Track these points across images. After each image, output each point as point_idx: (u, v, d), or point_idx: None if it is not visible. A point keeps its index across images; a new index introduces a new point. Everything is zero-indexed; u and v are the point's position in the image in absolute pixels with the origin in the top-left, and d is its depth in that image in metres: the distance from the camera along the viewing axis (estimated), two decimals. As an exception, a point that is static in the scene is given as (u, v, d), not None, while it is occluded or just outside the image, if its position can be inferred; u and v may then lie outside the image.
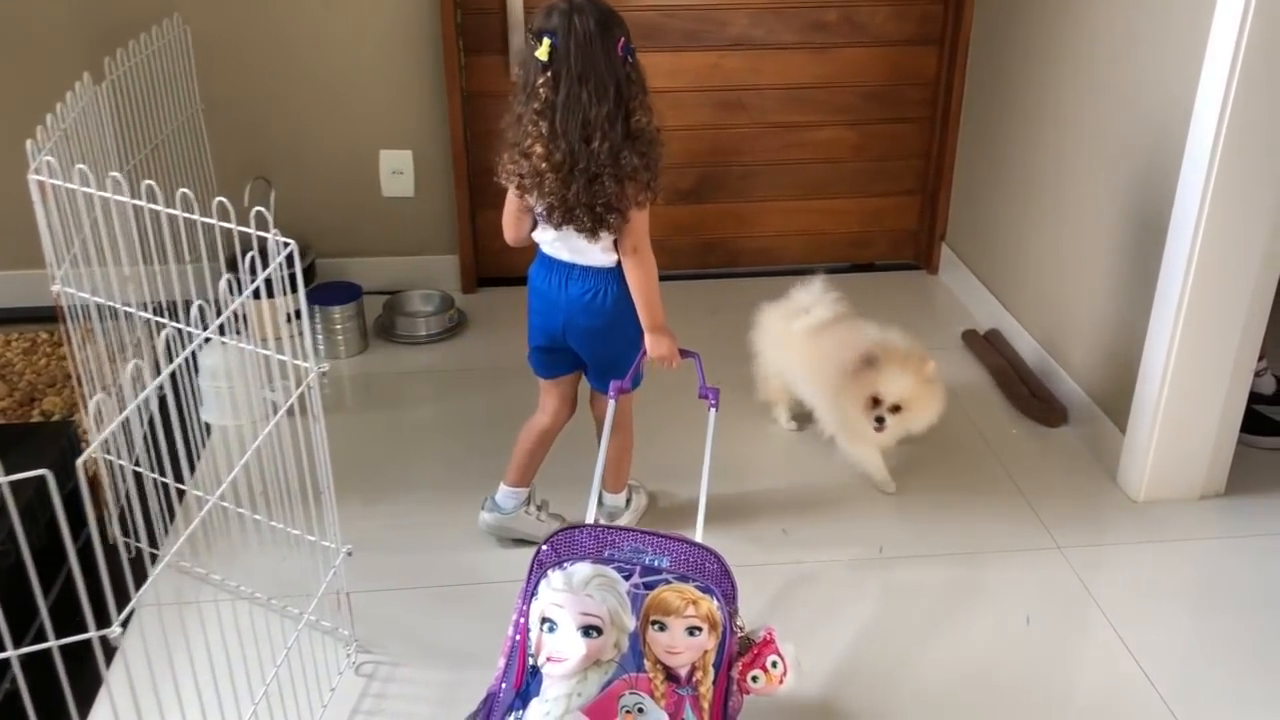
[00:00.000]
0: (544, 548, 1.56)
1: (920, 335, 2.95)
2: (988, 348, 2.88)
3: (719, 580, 1.52)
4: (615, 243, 1.89)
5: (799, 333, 2.39)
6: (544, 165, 1.77)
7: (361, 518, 2.28)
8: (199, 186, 2.98)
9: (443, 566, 2.15)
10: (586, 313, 1.94)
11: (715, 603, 1.50)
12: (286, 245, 1.70)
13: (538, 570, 1.55)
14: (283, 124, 3.03)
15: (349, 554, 1.88)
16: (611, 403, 1.92)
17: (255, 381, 2.28)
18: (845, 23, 3.11)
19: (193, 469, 2.01)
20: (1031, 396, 2.64)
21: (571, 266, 1.93)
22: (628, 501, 2.24)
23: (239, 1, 2.88)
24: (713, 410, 1.85)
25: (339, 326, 2.87)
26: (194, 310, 1.68)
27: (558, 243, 1.91)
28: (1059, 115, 2.63)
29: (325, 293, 2.92)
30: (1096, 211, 2.48)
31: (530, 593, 1.55)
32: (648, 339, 1.95)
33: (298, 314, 2.91)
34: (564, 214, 1.81)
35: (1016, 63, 2.83)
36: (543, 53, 1.73)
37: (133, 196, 1.84)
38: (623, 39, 1.77)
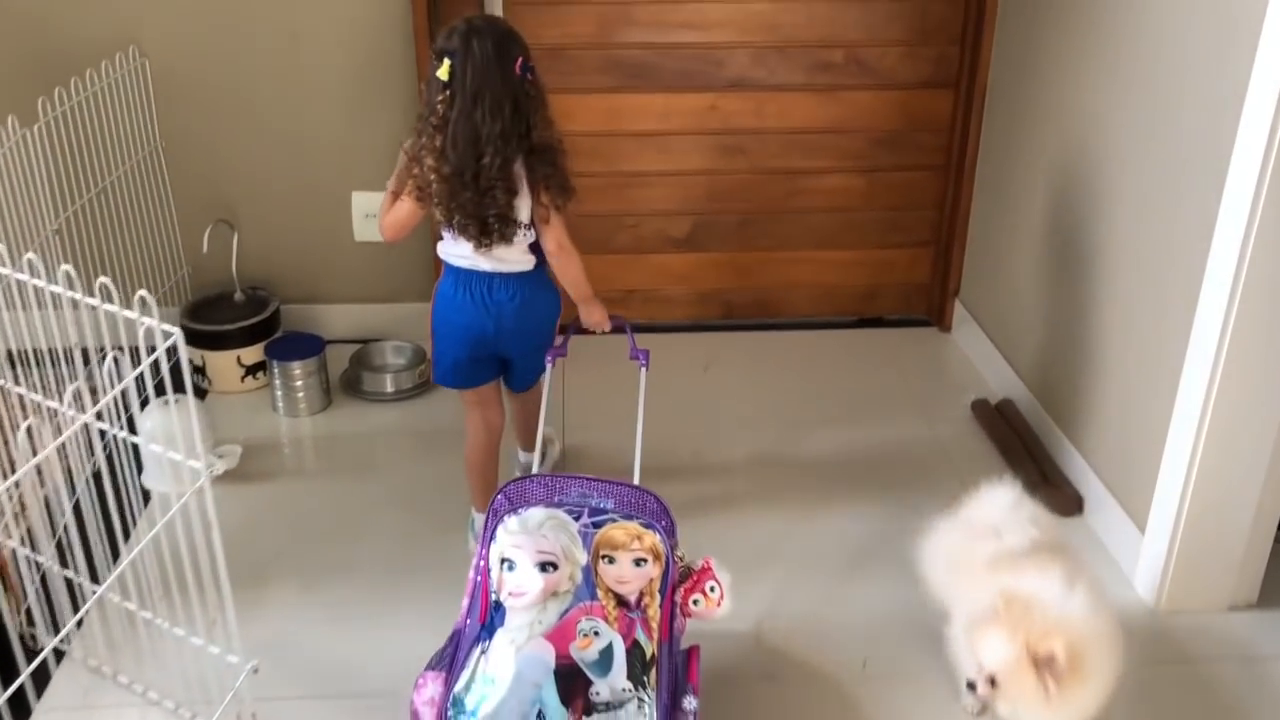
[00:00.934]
0: (499, 497, 1.71)
1: (929, 401, 2.76)
2: (998, 420, 2.65)
3: (659, 516, 1.70)
4: (532, 246, 2.01)
5: (982, 561, 1.77)
6: (433, 176, 1.89)
7: (298, 606, 2.09)
8: (159, 228, 2.81)
9: (374, 674, 1.94)
10: (518, 316, 2.05)
11: (658, 536, 1.67)
12: (169, 336, 1.49)
13: (493, 518, 1.70)
14: (249, 162, 2.85)
15: (254, 670, 1.68)
16: (549, 367, 2.14)
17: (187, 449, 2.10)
18: (853, 63, 2.88)
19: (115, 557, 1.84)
20: (1042, 480, 2.40)
21: (493, 275, 2.02)
22: (542, 456, 2.26)
23: (201, 33, 2.71)
24: (643, 369, 2.13)
25: (299, 383, 2.68)
26: (68, 394, 1.50)
27: (477, 255, 1.98)
28: (1081, 167, 2.39)
29: (286, 346, 2.73)
30: (1120, 275, 2.24)
31: (489, 538, 1.69)
32: (581, 310, 2.15)
33: (261, 367, 2.78)
34: (458, 225, 1.93)
35: (1037, 109, 2.59)
36: (443, 72, 1.85)
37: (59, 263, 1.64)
38: (520, 58, 1.87)
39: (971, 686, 1.67)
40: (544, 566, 1.65)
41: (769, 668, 1.97)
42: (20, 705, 1.09)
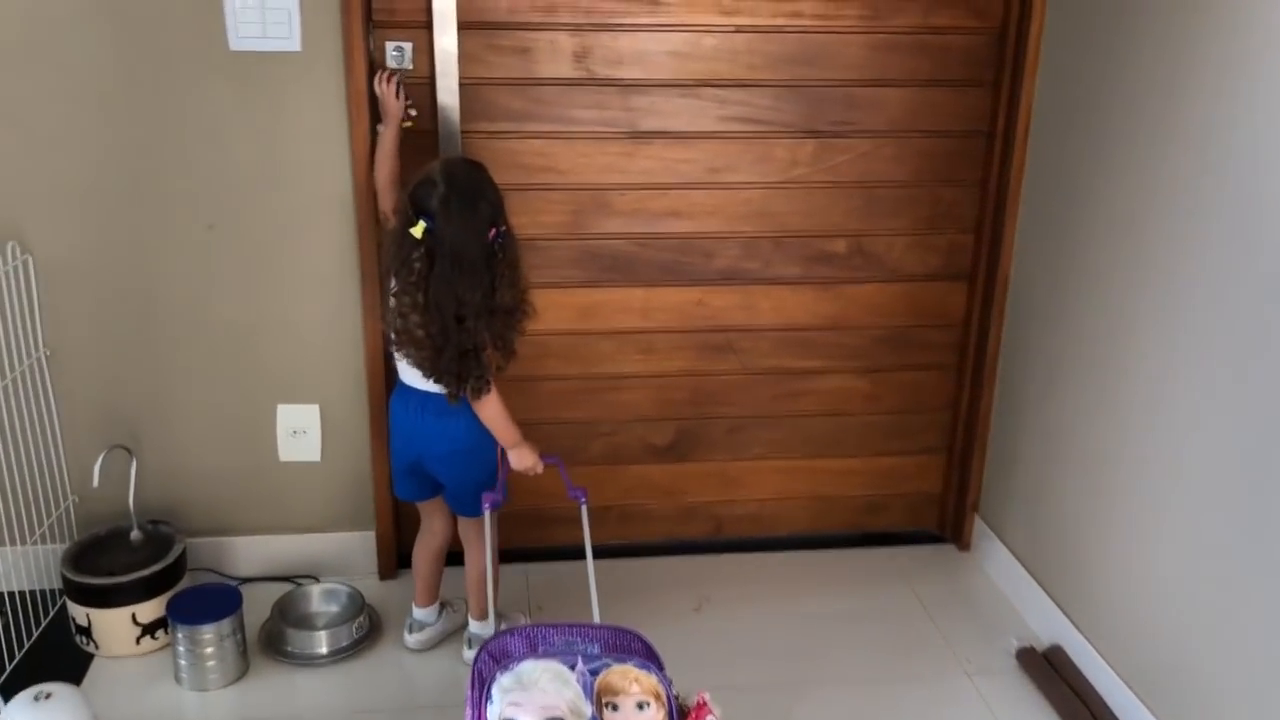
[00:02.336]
0: (482, 657, 1.71)
1: (961, 643, 2.36)
2: (1052, 676, 2.25)
3: (649, 656, 1.73)
4: None
5: None
6: (420, 334, 1.92)
7: None
8: (40, 452, 2.31)
9: None
10: (443, 439, 2.08)
11: (655, 678, 1.68)
12: None
13: (479, 684, 1.66)
14: (152, 373, 2.38)
15: None
16: (486, 513, 2.04)
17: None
18: (857, 254, 2.56)
19: None
20: (1127, 765, 2.00)
21: (427, 395, 2.05)
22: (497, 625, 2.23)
23: (96, 224, 2.26)
24: (583, 505, 2.07)
25: (209, 649, 2.17)
26: None
27: (413, 370, 2.01)
28: (1122, 363, 2.06)
29: (193, 601, 2.22)
30: (1191, 493, 1.88)
31: (482, 700, 1.63)
32: (510, 455, 2.11)
33: (161, 624, 2.26)
34: (431, 374, 1.98)
35: (1065, 303, 2.28)
36: (417, 231, 1.87)
37: None
38: (494, 229, 1.92)
39: None
40: None
41: None
42: None
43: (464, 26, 2.26)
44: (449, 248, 1.87)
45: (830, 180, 2.49)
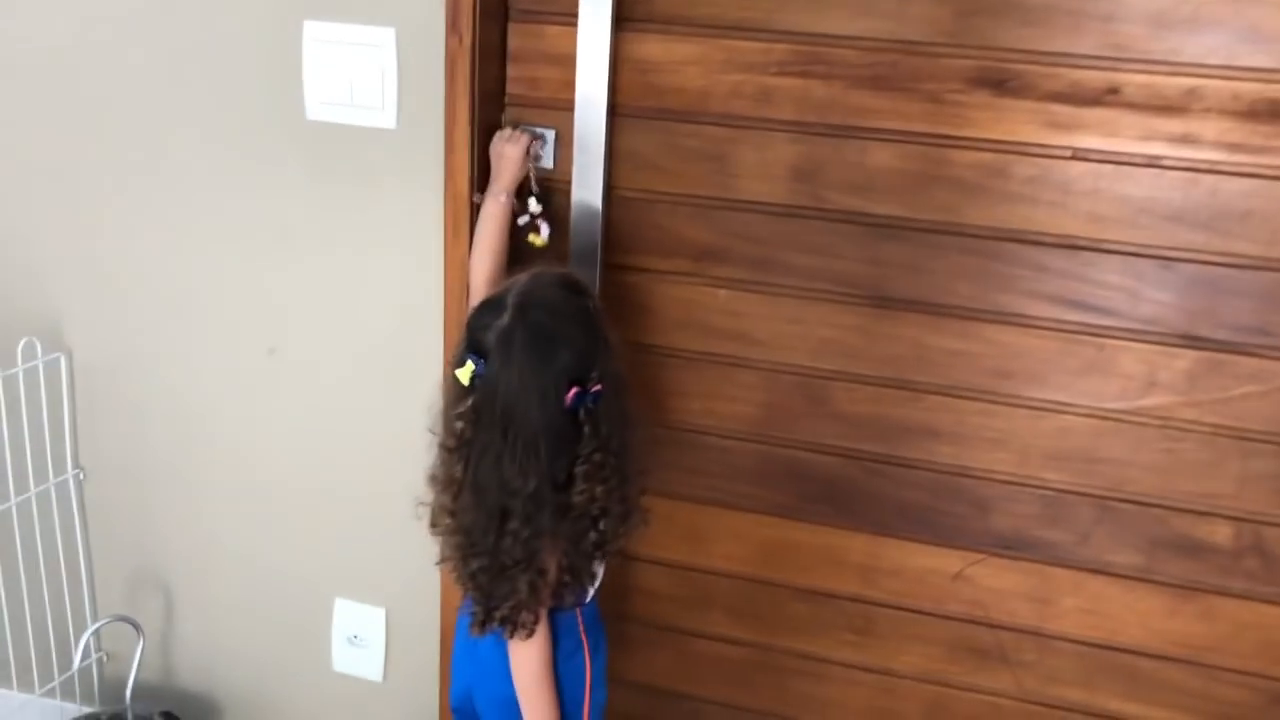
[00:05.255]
0: None
1: None
2: None
3: None
4: None
5: None
6: (448, 521, 1.32)
7: None
8: (62, 592, 1.84)
9: None
10: (499, 673, 1.38)
11: None
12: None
13: None
14: (192, 525, 1.83)
15: None
16: None
17: None
18: (1252, 552, 1.47)
19: None
20: None
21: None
22: None
23: (140, 328, 1.75)
24: None
25: None
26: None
27: None
28: None
29: None
30: None
31: None
32: None
33: None
34: (457, 577, 1.34)
35: None
36: (464, 375, 1.26)
37: None
38: (576, 387, 1.24)
39: None
40: None
41: None
42: None
43: (630, 113, 1.50)
44: (500, 403, 1.25)
45: (1217, 423, 1.44)
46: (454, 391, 1.29)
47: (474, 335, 1.27)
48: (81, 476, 1.84)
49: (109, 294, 1.74)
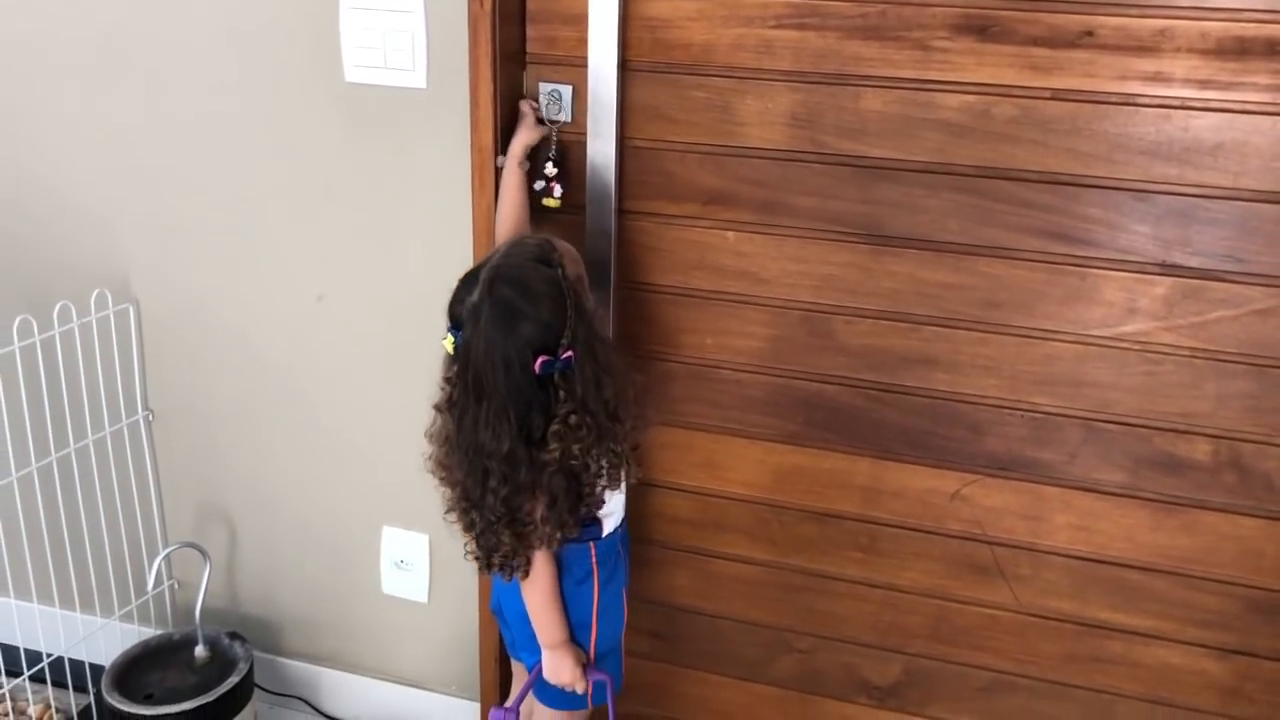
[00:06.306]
0: None
1: None
2: None
3: None
4: None
5: None
6: (443, 474, 1.44)
7: None
8: (134, 526, 2.01)
9: None
10: (512, 593, 1.55)
11: None
12: None
13: None
14: (253, 460, 1.99)
15: None
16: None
17: None
18: (1229, 467, 1.57)
19: None
20: None
21: None
22: None
23: (202, 278, 1.90)
24: None
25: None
26: None
27: None
28: None
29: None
30: None
31: None
32: (544, 659, 1.56)
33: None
34: (459, 523, 1.46)
35: None
36: (447, 345, 1.38)
37: None
38: (544, 355, 1.33)
39: None
40: None
41: None
42: None
43: (641, 68, 1.62)
44: (471, 371, 1.36)
45: (1194, 346, 1.53)
46: (445, 358, 1.41)
47: (452, 309, 1.38)
48: (150, 417, 2.01)
49: (172, 248, 1.90)
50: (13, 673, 1.94)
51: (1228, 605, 1.63)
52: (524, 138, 1.62)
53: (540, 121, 1.63)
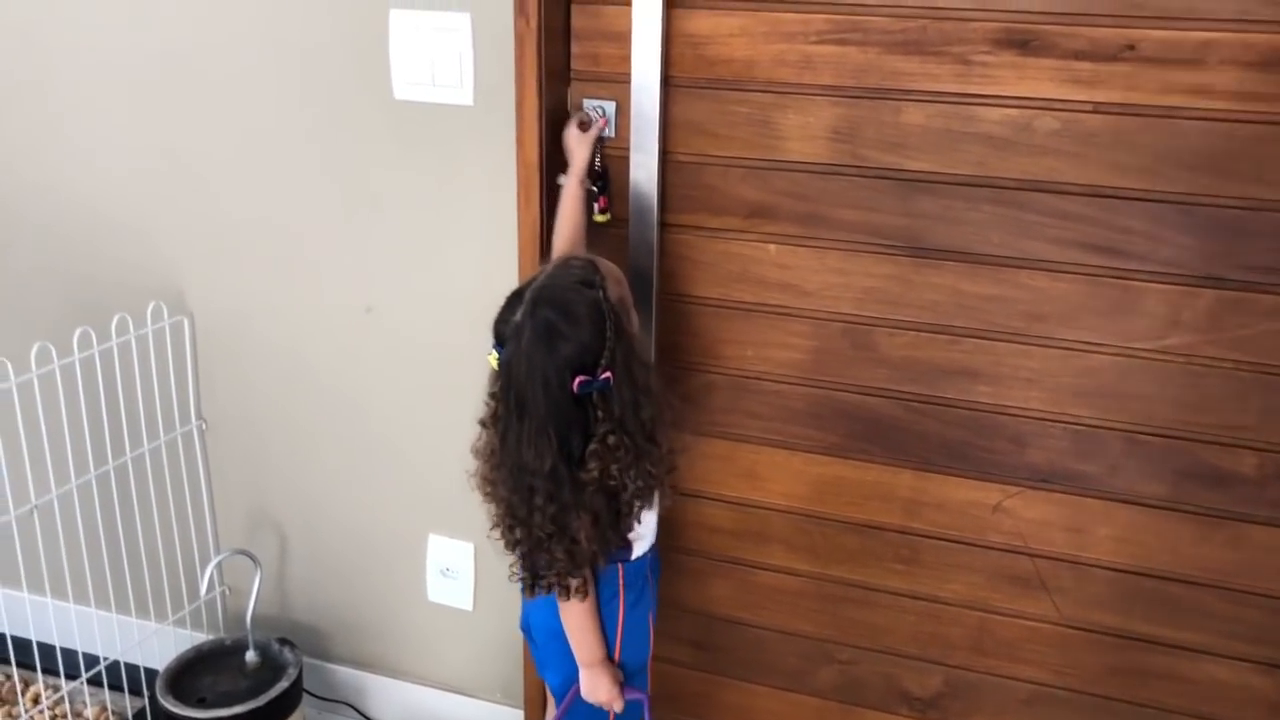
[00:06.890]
0: None
1: None
2: None
3: None
4: None
5: None
6: (488, 489, 1.45)
7: None
8: (188, 534, 2.06)
9: None
10: (541, 609, 1.58)
11: None
12: None
13: None
14: (304, 469, 2.03)
15: None
16: None
17: None
18: (1276, 481, 1.56)
19: None
20: None
21: None
22: None
23: (254, 289, 1.95)
24: None
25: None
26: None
27: None
28: None
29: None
30: None
31: None
32: (582, 676, 1.57)
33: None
34: (504, 542, 1.48)
35: None
36: (492, 361, 1.41)
37: None
38: (581, 375, 1.35)
39: None
40: None
41: None
42: None
43: (683, 83, 1.64)
44: (513, 389, 1.39)
45: (1238, 358, 1.53)
46: (490, 373, 1.43)
47: (497, 327, 1.41)
48: (204, 427, 2.06)
49: (225, 263, 1.95)
50: (71, 676, 1.99)
51: (1274, 620, 1.62)
52: (586, 153, 1.64)
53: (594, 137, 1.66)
